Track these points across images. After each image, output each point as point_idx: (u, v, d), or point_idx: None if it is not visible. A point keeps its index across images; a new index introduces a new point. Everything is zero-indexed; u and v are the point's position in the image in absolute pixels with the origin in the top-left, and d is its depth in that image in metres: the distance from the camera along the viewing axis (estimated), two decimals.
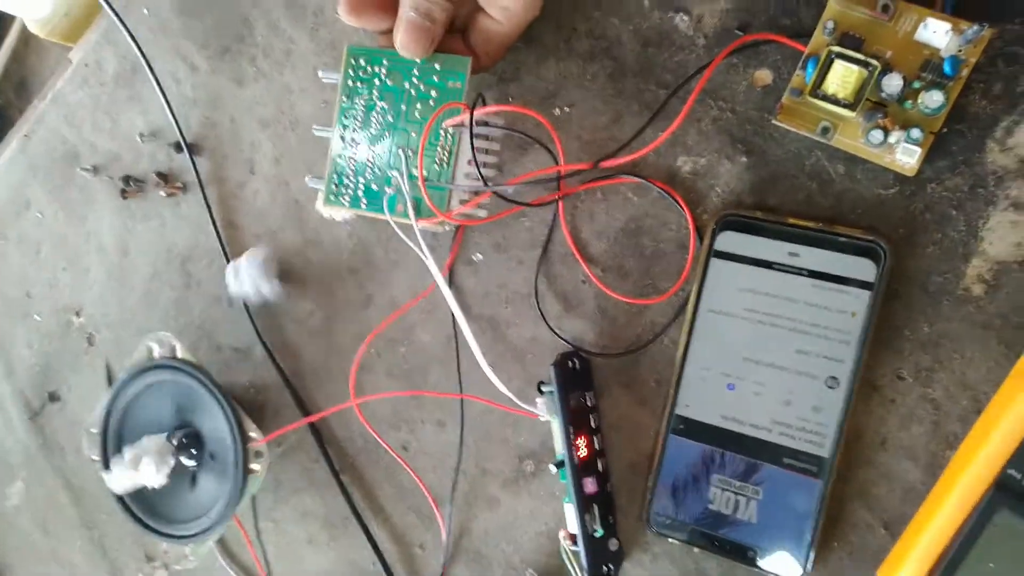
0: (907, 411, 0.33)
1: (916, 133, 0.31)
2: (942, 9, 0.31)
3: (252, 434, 0.42)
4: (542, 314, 0.39)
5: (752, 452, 0.35)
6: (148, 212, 0.50)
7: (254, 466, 0.42)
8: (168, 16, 0.48)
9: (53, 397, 0.55)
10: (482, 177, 0.37)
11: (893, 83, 0.31)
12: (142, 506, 0.45)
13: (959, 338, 0.32)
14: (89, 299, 0.53)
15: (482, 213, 0.39)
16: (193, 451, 0.44)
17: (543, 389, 0.37)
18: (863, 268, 0.33)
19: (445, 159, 0.38)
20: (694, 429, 0.36)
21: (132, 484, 0.43)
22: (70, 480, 0.55)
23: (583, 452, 0.37)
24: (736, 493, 0.35)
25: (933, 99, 0.31)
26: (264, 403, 0.47)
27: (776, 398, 0.34)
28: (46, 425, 0.56)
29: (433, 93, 0.38)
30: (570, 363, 0.37)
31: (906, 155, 0.32)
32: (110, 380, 0.52)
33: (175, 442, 0.45)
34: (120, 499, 0.45)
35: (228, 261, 0.46)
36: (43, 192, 0.54)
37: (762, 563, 0.34)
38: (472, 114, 0.36)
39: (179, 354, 0.44)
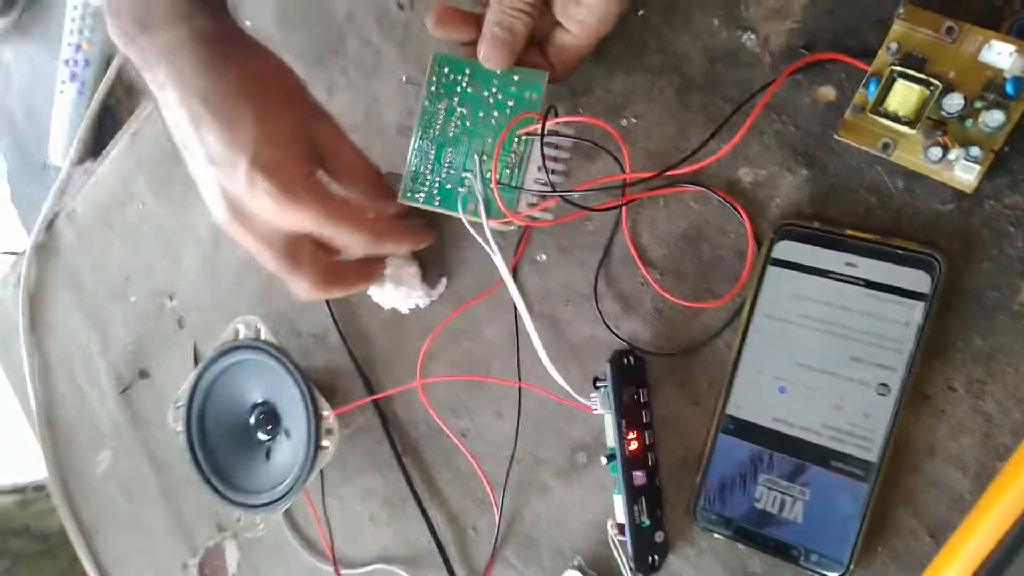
0: (957, 422, 0.34)
1: (975, 151, 0.32)
2: (1008, 32, 0.32)
3: (324, 412, 0.45)
4: (600, 313, 0.41)
5: (800, 454, 0.36)
6: None
7: (325, 442, 0.45)
8: (270, 29, 0.52)
9: (143, 374, 0.60)
10: (550, 183, 0.40)
11: (954, 102, 0.32)
12: (219, 477, 0.49)
13: (1013, 352, 0.33)
14: (182, 285, 0.57)
15: (548, 216, 0.41)
16: (270, 427, 0.48)
17: (598, 384, 0.39)
18: (918, 280, 0.34)
19: (516, 164, 0.40)
20: (744, 429, 0.37)
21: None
22: (153, 452, 0.60)
23: (634, 446, 0.38)
24: (783, 493, 0.36)
25: (994, 118, 0.32)
26: (336, 386, 0.50)
27: (827, 402, 0.35)
28: (135, 399, 0.61)
29: (510, 103, 0.41)
30: (625, 360, 0.39)
31: (965, 172, 0.32)
32: (196, 360, 0.57)
33: (253, 418, 0.48)
34: (198, 467, 0.49)
35: None
36: (147, 186, 0.59)
37: (805, 563, 0.35)
38: (544, 124, 0.39)
39: (263, 336, 0.47)
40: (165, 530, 0.59)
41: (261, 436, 0.48)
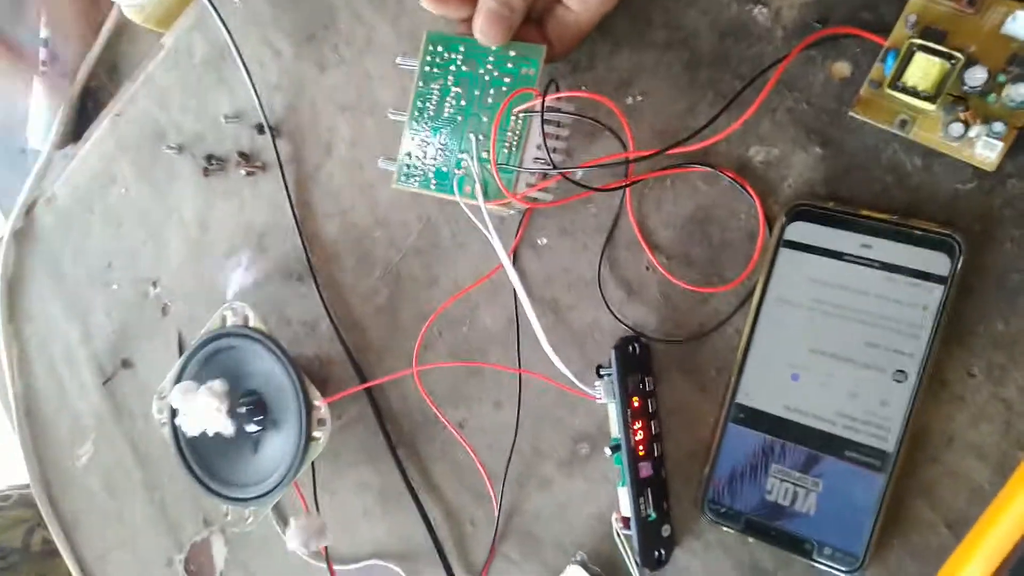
0: (977, 409, 0.32)
1: (999, 127, 0.31)
2: None
3: (316, 402, 0.43)
4: (604, 299, 0.40)
5: (814, 443, 0.34)
6: (228, 190, 0.52)
7: (316, 433, 0.43)
8: (259, 5, 0.50)
9: (126, 363, 0.58)
10: (551, 161, 0.38)
11: (977, 76, 0.31)
12: (205, 470, 0.47)
13: None
14: (167, 271, 0.55)
15: (548, 197, 0.40)
16: (259, 417, 0.46)
17: (602, 372, 0.38)
18: (937, 262, 0.32)
19: (515, 143, 0.39)
20: (755, 418, 0.36)
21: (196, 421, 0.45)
22: (137, 444, 0.58)
23: (639, 436, 0.37)
24: (795, 484, 0.35)
25: (1020, 92, 0.30)
26: (328, 376, 0.48)
27: (842, 390, 0.34)
28: (118, 390, 0.59)
29: (507, 80, 0.39)
30: (631, 347, 0.38)
31: (987, 149, 0.31)
32: (181, 349, 0.55)
33: (243, 408, 0.46)
34: (184, 460, 0.47)
35: (302, 237, 0.48)
36: (129, 168, 0.57)
37: (818, 556, 0.34)
38: (544, 99, 0.37)
39: (251, 323, 0.45)
40: (149, 524, 0.58)
41: (250, 428, 0.46)
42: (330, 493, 0.49)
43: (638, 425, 0.37)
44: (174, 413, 0.47)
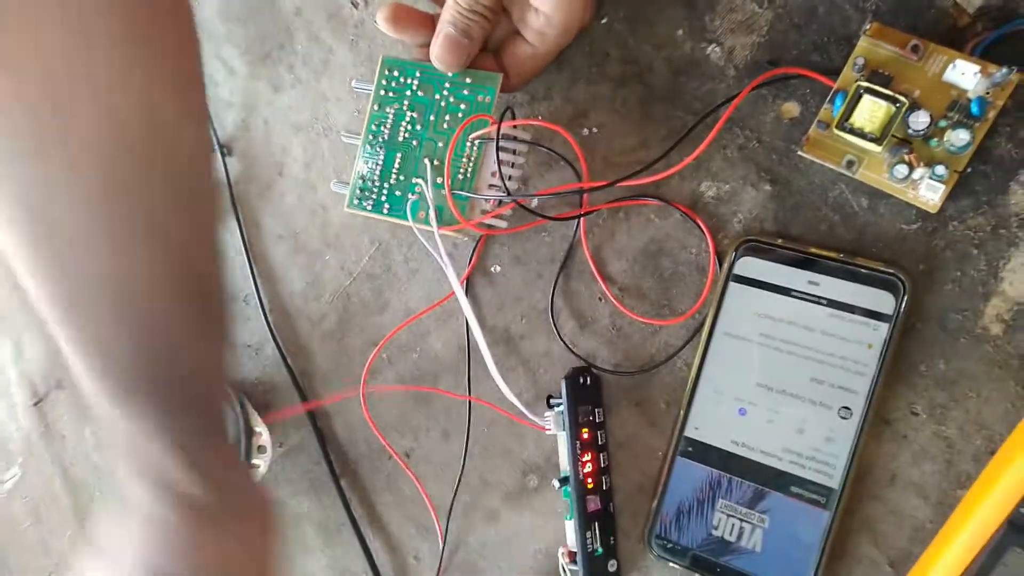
0: (919, 448, 0.33)
1: (941, 170, 0.32)
2: (971, 52, 0.32)
3: (258, 429, 0.42)
4: (556, 329, 0.40)
5: (760, 479, 0.34)
6: None
7: (256, 461, 0.42)
8: (212, 21, 0.49)
9: (60, 384, 0.55)
10: (506, 188, 0.38)
11: (920, 120, 0.32)
12: None
13: (975, 377, 0.32)
14: None
15: (503, 224, 0.39)
16: None
17: (552, 403, 0.37)
18: (882, 301, 0.33)
19: (470, 169, 0.38)
20: (702, 452, 0.35)
21: None
22: (67, 470, 0.55)
23: (588, 468, 0.37)
24: (741, 520, 0.34)
25: (959, 138, 0.31)
26: (271, 402, 0.46)
27: (788, 426, 0.34)
28: (49, 412, 0.56)
29: (462, 106, 0.39)
30: (581, 379, 0.37)
31: (930, 191, 0.32)
32: None
33: None
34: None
35: (249, 258, 0.47)
36: None
37: None
38: (500, 126, 0.37)
39: None
40: (76, 557, 0.55)
41: None
42: None
43: (587, 457, 0.37)
44: None
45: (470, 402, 0.41)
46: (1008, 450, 0.29)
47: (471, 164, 0.38)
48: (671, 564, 0.35)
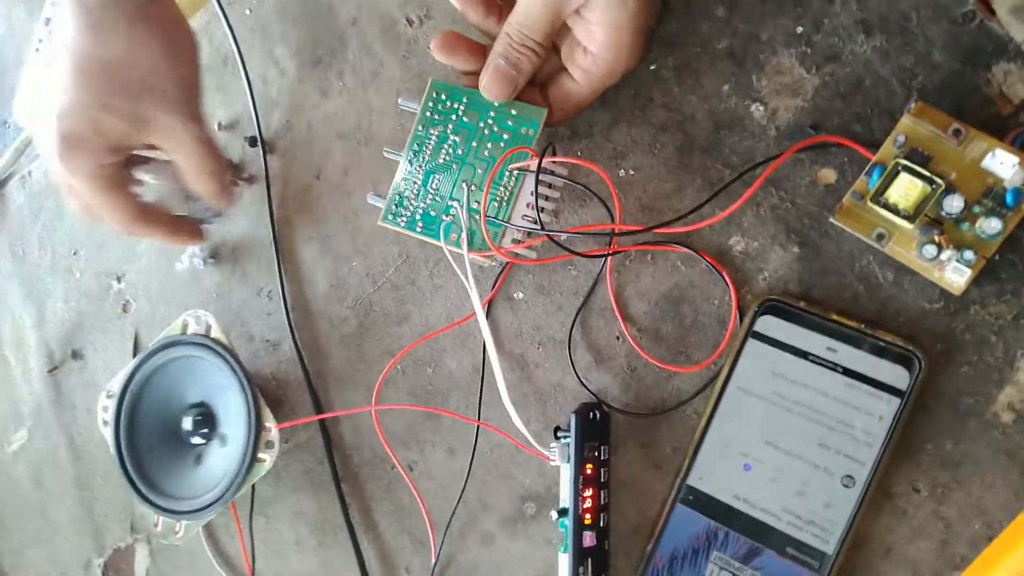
0: (918, 525, 0.33)
1: (969, 255, 0.32)
2: (1012, 142, 0.33)
3: (268, 424, 0.42)
4: (572, 362, 0.40)
5: (757, 535, 0.35)
6: None
7: (263, 455, 0.42)
8: (269, 20, 0.51)
9: (76, 355, 0.56)
10: (539, 220, 0.39)
11: (954, 204, 0.32)
12: (143, 477, 0.46)
13: (981, 462, 0.32)
14: (134, 268, 0.54)
15: (532, 255, 0.40)
16: (204, 430, 0.45)
17: (559, 435, 0.38)
18: (897, 375, 0.33)
19: (505, 199, 0.39)
20: (703, 502, 0.36)
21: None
22: (74, 439, 0.56)
23: (588, 504, 0.37)
24: (733, 574, 0.35)
25: (991, 225, 0.32)
26: (283, 398, 0.47)
27: (791, 487, 0.34)
28: (63, 381, 0.57)
29: (505, 136, 0.40)
30: (591, 414, 0.38)
31: (956, 274, 0.32)
32: (136, 350, 0.54)
33: (189, 421, 0.45)
34: (123, 464, 0.45)
35: (277, 255, 0.48)
36: None
37: None
38: (540, 160, 0.38)
39: (213, 334, 0.45)
40: (73, 523, 0.56)
41: (195, 440, 0.45)
42: (265, 517, 0.47)
43: (588, 492, 0.37)
44: (119, 412, 0.46)
45: (479, 426, 0.41)
46: (1006, 540, 0.30)
47: (508, 193, 0.39)
48: None
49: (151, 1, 0.40)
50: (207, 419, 0.45)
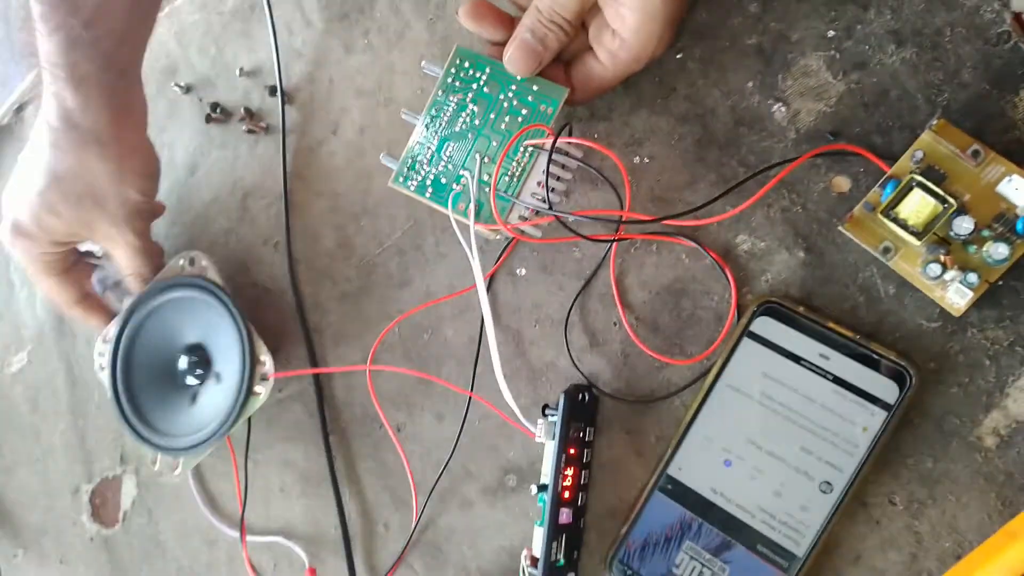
0: (889, 536, 0.34)
1: (972, 278, 0.32)
2: None
3: (262, 357, 0.43)
4: (567, 342, 0.40)
5: (730, 530, 0.35)
6: (226, 142, 0.52)
7: (258, 388, 0.43)
8: None
9: None
10: (548, 200, 0.39)
11: (964, 225, 0.32)
12: (139, 416, 0.46)
13: (959, 482, 0.33)
14: None
15: (538, 233, 0.40)
16: (200, 371, 0.46)
17: (547, 413, 0.38)
18: (887, 389, 0.34)
19: (517, 175, 0.39)
20: (680, 492, 0.36)
21: None
22: (72, 367, 0.57)
23: (568, 483, 0.37)
24: (703, 565, 0.35)
25: (998, 251, 0.32)
26: (279, 349, 0.48)
27: (769, 487, 0.35)
28: None
29: (524, 111, 0.39)
30: (580, 396, 0.38)
31: (957, 295, 0.32)
32: None
33: (184, 362, 0.46)
34: (119, 406, 0.46)
35: (287, 207, 0.48)
36: None
37: None
38: (556, 140, 0.38)
39: (209, 275, 0.45)
40: (65, 449, 0.57)
41: (190, 380, 0.46)
42: (254, 462, 0.48)
43: (569, 472, 0.38)
44: (115, 356, 0.46)
45: (470, 397, 0.42)
46: (974, 560, 0.30)
47: (520, 169, 0.39)
48: None
49: (113, 124, 0.43)
50: (202, 359, 0.46)
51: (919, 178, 0.33)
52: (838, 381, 0.34)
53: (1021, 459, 0.32)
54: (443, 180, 0.41)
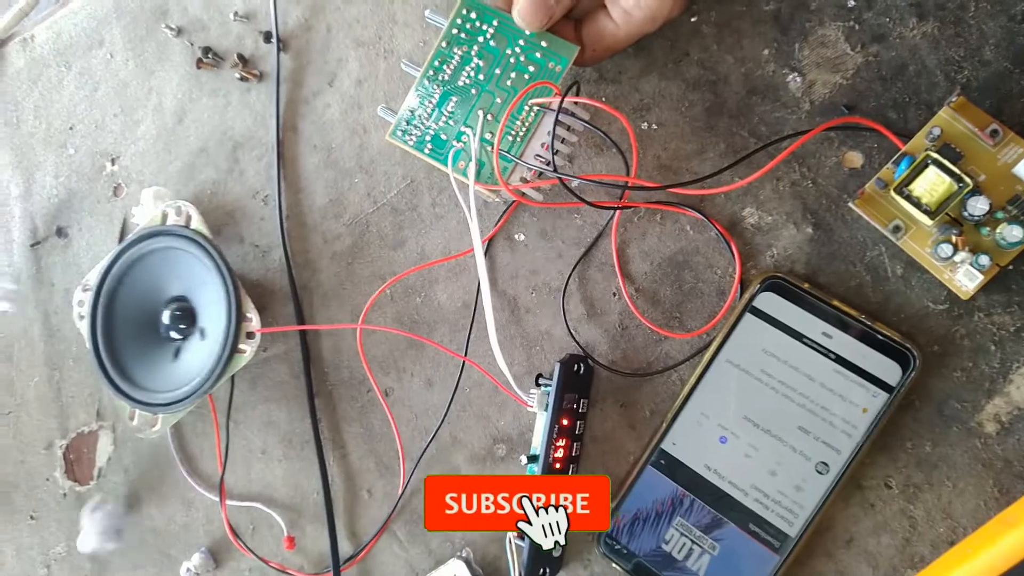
0: (883, 519, 0.33)
1: (984, 260, 0.31)
2: None
3: (249, 314, 0.41)
4: (564, 312, 0.39)
5: (722, 508, 0.35)
6: (216, 88, 0.50)
7: (243, 345, 0.41)
8: None
9: (61, 232, 0.55)
10: (552, 162, 0.37)
11: (979, 206, 0.31)
12: (118, 369, 0.45)
13: (957, 467, 0.32)
14: (130, 152, 0.52)
15: (539, 197, 0.39)
16: (183, 325, 0.44)
17: (541, 382, 0.37)
18: (889, 370, 0.33)
19: (521, 134, 0.38)
20: (673, 467, 0.36)
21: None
22: (49, 317, 0.55)
23: (559, 454, 0.37)
24: (693, 541, 0.35)
25: (1012, 233, 0.31)
26: (266, 307, 0.46)
27: (764, 465, 0.34)
28: (44, 256, 0.56)
29: (531, 68, 0.38)
30: (576, 366, 0.37)
31: (967, 278, 0.32)
32: (123, 235, 0.52)
33: (168, 315, 0.45)
34: (99, 359, 0.45)
35: (279, 160, 0.46)
36: (120, 35, 0.54)
37: None
38: (563, 99, 0.36)
39: (196, 226, 0.43)
40: (39, 402, 0.55)
41: (173, 335, 0.44)
42: (235, 423, 0.47)
43: (561, 443, 0.37)
44: (95, 306, 0.45)
45: (464, 361, 0.41)
46: (967, 547, 0.30)
47: (524, 129, 0.38)
48: (614, 565, 0.36)
49: None
50: (186, 313, 0.45)
51: (935, 155, 0.32)
52: (840, 360, 0.34)
53: (1021, 446, 0.32)
54: (443, 136, 0.39)
